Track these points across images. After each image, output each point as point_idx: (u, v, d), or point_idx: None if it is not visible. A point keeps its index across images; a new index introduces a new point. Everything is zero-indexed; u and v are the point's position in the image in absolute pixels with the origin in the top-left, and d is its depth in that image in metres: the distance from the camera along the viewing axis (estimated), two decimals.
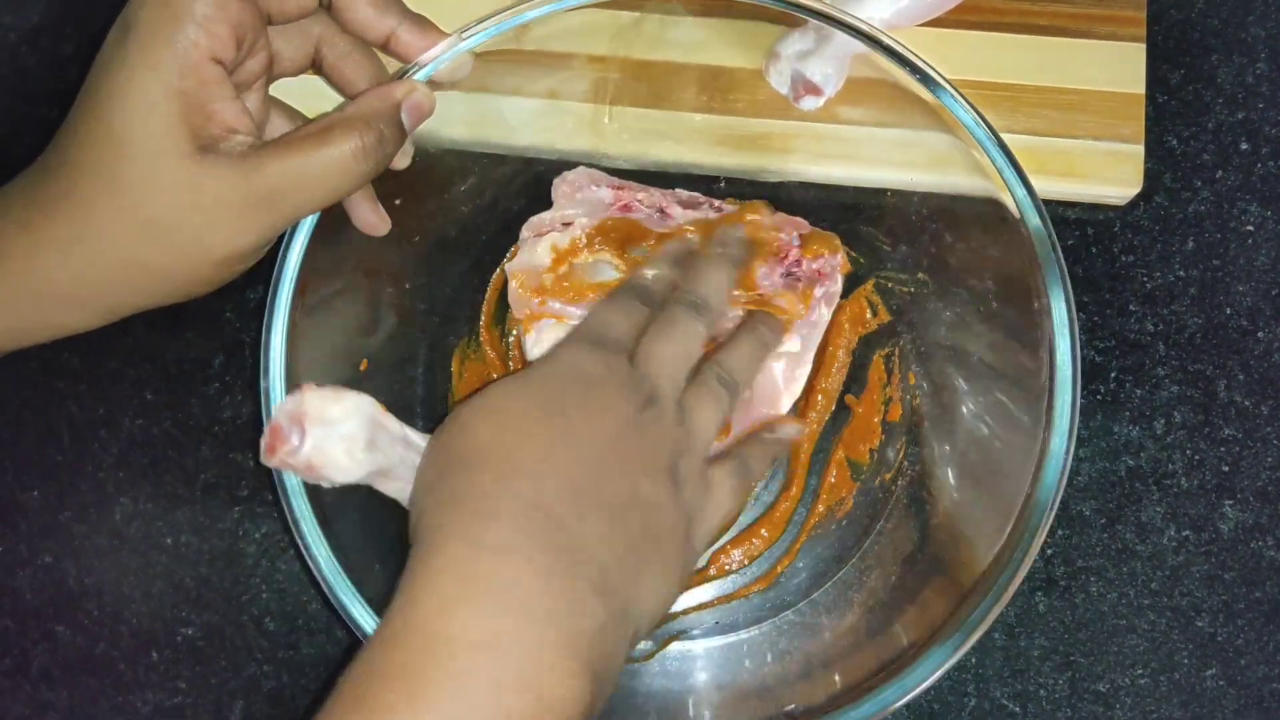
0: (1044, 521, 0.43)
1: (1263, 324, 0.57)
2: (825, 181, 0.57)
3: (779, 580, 0.54)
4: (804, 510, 0.55)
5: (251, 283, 0.58)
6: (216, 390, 0.58)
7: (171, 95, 0.39)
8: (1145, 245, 0.58)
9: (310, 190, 0.41)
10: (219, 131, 0.40)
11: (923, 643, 0.43)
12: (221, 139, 0.40)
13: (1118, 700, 0.53)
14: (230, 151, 0.40)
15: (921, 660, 0.42)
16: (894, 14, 0.56)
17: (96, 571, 0.55)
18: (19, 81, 0.63)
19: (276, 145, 0.41)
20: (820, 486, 0.55)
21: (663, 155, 0.57)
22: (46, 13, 0.63)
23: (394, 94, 0.43)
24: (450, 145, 0.54)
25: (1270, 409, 0.56)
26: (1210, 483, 0.55)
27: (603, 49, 0.55)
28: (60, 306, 0.42)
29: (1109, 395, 0.56)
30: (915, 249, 0.55)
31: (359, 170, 0.42)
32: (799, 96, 0.55)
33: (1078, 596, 0.54)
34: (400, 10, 0.46)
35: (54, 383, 0.58)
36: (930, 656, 0.42)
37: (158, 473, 0.57)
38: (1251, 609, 0.54)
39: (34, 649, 0.55)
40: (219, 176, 0.40)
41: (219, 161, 0.40)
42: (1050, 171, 0.56)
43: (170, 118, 0.39)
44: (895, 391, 0.55)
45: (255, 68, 0.43)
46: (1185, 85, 0.60)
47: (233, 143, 0.40)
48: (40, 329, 0.43)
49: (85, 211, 0.40)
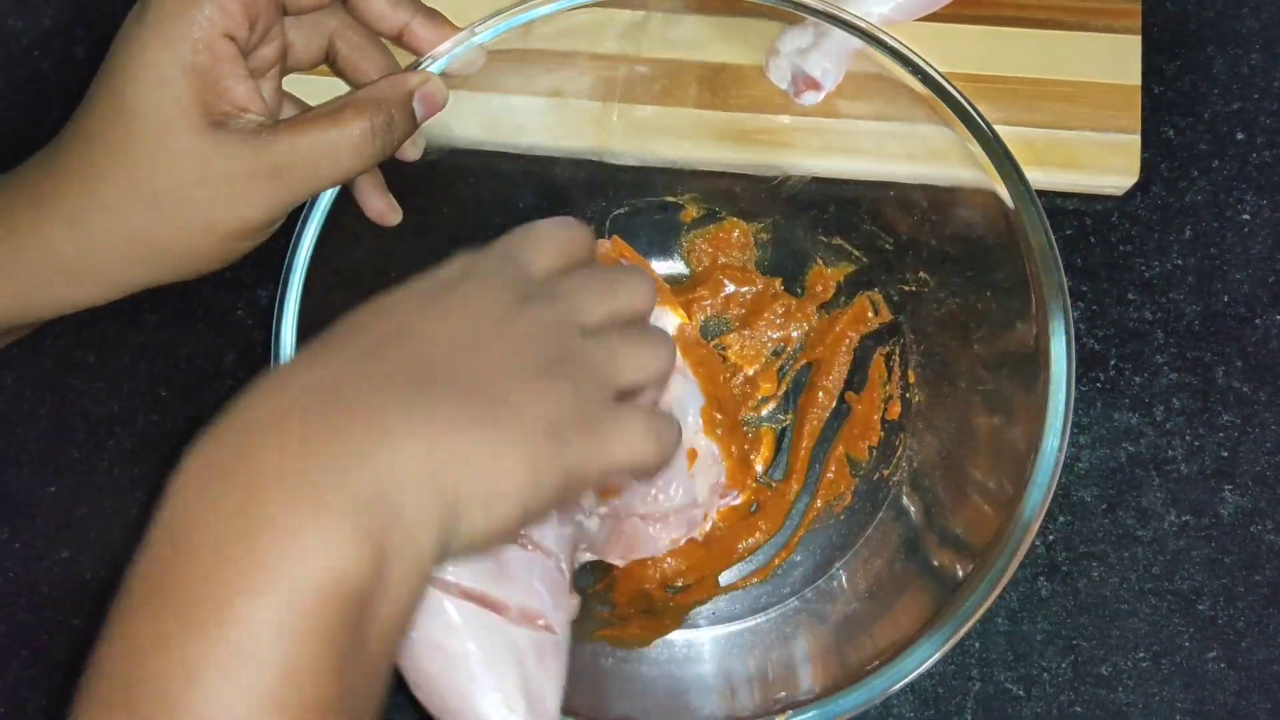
0: (1035, 519, 0.43)
1: (1260, 311, 0.57)
2: (826, 175, 0.57)
3: (777, 572, 0.55)
4: (803, 504, 0.56)
5: (262, 280, 0.59)
6: (229, 387, 0.59)
7: (185, 70, 0.40)
8: (1143, 234, 0.59)
9: (318, 167, 0.42)
10: (230, 108, 0.41)
11: (916, 632, 0.44)
12: (233, 115, 0.41)
13: (1120, 683, 0.53)
14: (241, 128, 0.41)
15: (913, 650, 0.43)
16: (892, 9, 0.57)
17: (112, 565, 0.56)
18: (31, 84, 0.64)
19: (287, 123, 0.42)
20: (819, 482, 0.56)
21: (666, 151, 0.58)
22: (58, 17, 0.64)
23: (408, 82, 0.44)
24: (459, 143, 0.55)
25: (1268, 395, 0.56)
26: (1209, 468, 0.56)
27: (608, 47, 0.56)
28: (67, 280, 0.43)
29: (1109, 383, 0.57)
30: (916, 244, 0.55)
31: (368, 151, 0.42)
32: (799, 92, 0.56)
33: (1080, 581, 0.55)
34: (413, 4, 0.46)
35: (69, 379, 0.59)
36: (921, 646, 0.42)
37: (172, 468, 0.57)
38: (1251, 592, 0.54)
39: (51, 641, 0.56)
40: (228, 150, 0.40)
41: (229, 136, 0.40)
42: (1048, 163, 0.57)
43: (182, 92, 0.40)
44: (895, 389, 0.56)
45: (270, 56, 0.44)
46: (1181, 76, 0.61)
47: (244, 120, 0.41)
48: (47, 303, 0.44)
49: (94, 184, 0.41)
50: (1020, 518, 0.44)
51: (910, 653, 0.42)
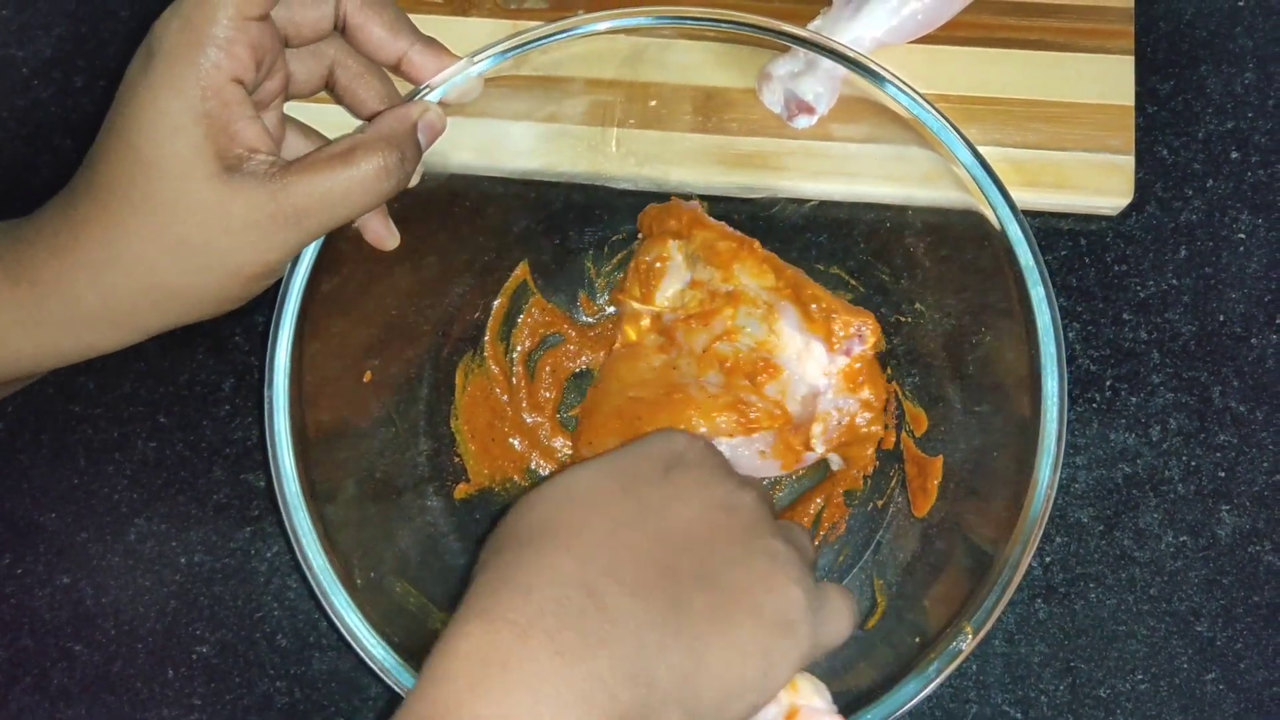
0: (1029, 547, 0.44)
1: (1256, 330, 0.57)
2: (819, 198, 0.57)
3: None
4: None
5: (259, 307, 0.59)
6: (227, 412, 0.59)
7: (196, 117, 0.40)
8: (1138, 254, 0.59)
9: (335, 208, 0.42)
10: (242, 151, 0.41)
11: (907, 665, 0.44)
12: (245, 159, 0.41)
13: (1118, 705, 0.53)
14: (255, 171, 0.41)
15: (895, 691, 0.43)
16: (885, 32, 0.57)
17: (112, 591, 0.57)
18: (32, 113, 0.64)
19: (301, 165, 0.42)
20: (819, 514, 0.56)
21: (661, 175, 0.58)
22: (58, 46, 0.65)
23: (411, 114, 0.45)
24: (457, 169, 0.55)
25: (1265, 414, 0.56)
26: (1207, 488, 0.56)
27: (605, 73, 0.56)
28: (90, 328, 0.43)
29: (1105, 403, 0.57)
30: (910, 269, 0.55)
31: (382, 188, 0.43)
32: (792, 115, 0.56)
33: (1077, 603, 0.55)
34: (412, 33, 0.47)
35: (69, 407, 0.59)
36: (904, 686, 0.43)
37: (171, 493, 0.58)
38: (1250, 613, 0.54)
39: (53, 667, 0.56)
40: (246, 197, 0.41)
41: (245, 182, 0.41)
42: (1042, 184, 0.57)
43: (196, 139, 0.40)
44: (890, 419, 0.55)
45: (273, 88, 0.45)
46: (1175, 96, 0.61)
47: (255, 162, 0.41)
48: (73, 350, 0.44)
49: (115, 233, 0.41)
50: (1011, 553, 0.44)
51: (897, 690, 0.42)
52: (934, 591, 0.50)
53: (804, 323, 0.53)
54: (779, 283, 0.54)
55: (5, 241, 0.43)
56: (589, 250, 0.59)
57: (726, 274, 0.54)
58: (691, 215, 0.55)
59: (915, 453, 0.54)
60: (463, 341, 0.58)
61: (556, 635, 0.35)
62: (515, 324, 0.59)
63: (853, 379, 0.53)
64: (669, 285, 0.55)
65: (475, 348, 0.58)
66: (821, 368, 0.53)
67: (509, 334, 0.58)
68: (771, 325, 0.53)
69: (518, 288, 0.59)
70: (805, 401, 0.52)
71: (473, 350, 0.58)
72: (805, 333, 0.52)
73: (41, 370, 0.47)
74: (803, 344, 0.53)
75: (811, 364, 0.53)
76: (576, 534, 0.38)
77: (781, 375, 0.52)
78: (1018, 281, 0.46)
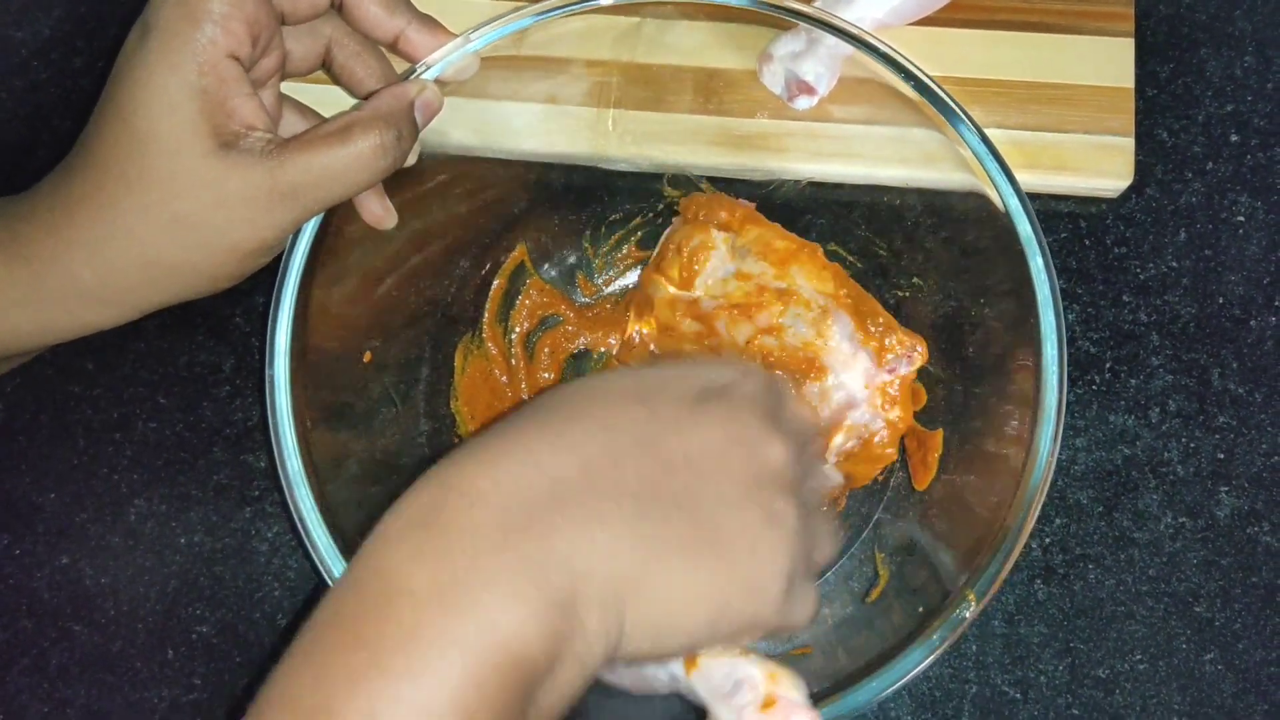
0: (1027, 523, 0.44)
1: (1255, 312, 0.57)
2: (820, 179, 0.57)
3: None
4: None
5: (259, 287, 0.59)
6: (227, 393, 0.59)
7: (192, 93, 0.40)
8: (1138, 237, 0.59)
9: (332, 185, 0.42)
10: (239, 128, 0.41)
11: (908, 637, 0.44)
12: (241, 135, 0.41)
13: (1118, 686, 0.53)
14: (251, 148, 0.41)
15: (905, 655, 0.43)
16: (886, 13, 0.57)
17: (112, 571, 0.57)
18: (31, 94, 0.64)
19: (299, 142, 0.42)
20: None
21: (660, 156, 0.58)
22: (57, 27, 0.65)
23: (408, 92, 0.45)
24: (455, 149, 0.55)
25: (1264, 396, 0.56)
26: (1206, 470, 0.56)
27: (603, 53, 0.56)
28: (87, 305, 0.43)
29: (1104, 385, 0.57)
30: (910, 249, 0.55)
31: (379, 166, 0.43)
32: (793, 96, 0.56)
33: (1076, 584, 0.55)
34: (409, 10, 0.47)
35: (69, 387, 0.59)
36: (909, 654, 0.43)
37: (171, 474, 0.58)
38: (1248, 594, 0.54)
39: (52, 648, 0.56)
40: (242, 173, 0.41)
41: (242, 158, 0.41)
42: (1042, 166, 0.57)
43: (192, 115, 0.40)
44: None
45: (270, 66, 0.45)
46: (1175, 79, 0.61)
47: (252, 139, 0.41)
48: (70, 327, 0.44)
49: (111, 211, 0.41)
50: (1013, 521, 0.44)
51: (902, 658, 0.42)
52: (936, 562, 0.50)
53: (858, 333, 0.53)
54: (839, 291, 0.54)
55: (1, 219, 0.43)
56: (587, 231, 0.59)
57: (780, 272, 0.54)
58: (746, 212, 0.56)
59: (915, 427, 0.54)
60: (461, 323, 0.58)
61: (504, 511, 0.34)
62: (514, 305, 0.59)
63: (888, 397, 0.53)
64: (711, 273, 0.55)
65: (474, 329, 0.58)
66: (865, 379, 0.53)
67: (507, 315, 0.58)
68: (820, 329, 0.53)
69: (516, 269, 0.59)
70: (837, 410, 0.52)
71: (471, 332, 0.58)
72: (855, 343, 0.53)
73: (40, 347, 0.47)
74: (850, 353, 0.53)
75: (856, 374, 0.53)
76: (565, 425, 0.36)
77: (826, 377, 0.52)
78: (1019, 260, 0.46)
